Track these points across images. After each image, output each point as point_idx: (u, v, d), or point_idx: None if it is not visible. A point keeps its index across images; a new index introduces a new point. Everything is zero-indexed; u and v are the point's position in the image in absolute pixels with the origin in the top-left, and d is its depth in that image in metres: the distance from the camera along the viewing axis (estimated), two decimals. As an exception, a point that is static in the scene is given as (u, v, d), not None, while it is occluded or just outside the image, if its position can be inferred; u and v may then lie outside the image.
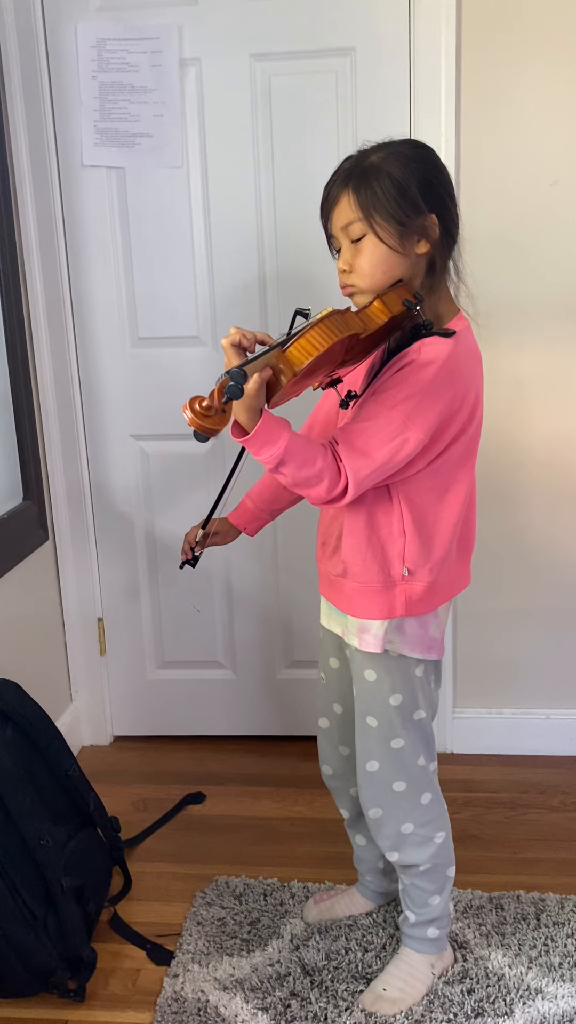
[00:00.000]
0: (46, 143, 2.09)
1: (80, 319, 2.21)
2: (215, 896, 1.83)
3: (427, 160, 1.30)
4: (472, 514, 1.48)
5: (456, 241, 1.34)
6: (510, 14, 1.94)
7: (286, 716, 2.42)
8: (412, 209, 1.26)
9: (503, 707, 2.35)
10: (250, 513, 1.62)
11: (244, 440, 1.24)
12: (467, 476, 1.39)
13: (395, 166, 1.26)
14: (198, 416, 1.17)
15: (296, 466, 1.24)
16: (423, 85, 1.98)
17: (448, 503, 1.38)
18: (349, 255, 1.31)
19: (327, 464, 1.25)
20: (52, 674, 2.34)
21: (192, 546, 1.61)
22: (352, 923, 1.73)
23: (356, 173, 1.28)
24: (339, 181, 1.30)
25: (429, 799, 1.51)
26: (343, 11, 1.97)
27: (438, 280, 1.34)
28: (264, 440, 1.23)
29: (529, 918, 1.73)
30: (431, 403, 1.27)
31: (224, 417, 1.18)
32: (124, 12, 2.02)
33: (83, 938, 1.61)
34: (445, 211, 1.30)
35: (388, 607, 1.40)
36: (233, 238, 2.12)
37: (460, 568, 1.48)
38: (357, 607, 1.42)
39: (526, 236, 2.04)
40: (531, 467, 2.18)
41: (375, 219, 1.26)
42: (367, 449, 1.26)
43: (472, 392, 1.33)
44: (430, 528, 1.38)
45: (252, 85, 2.03)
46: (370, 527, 1.38)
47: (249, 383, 1.17)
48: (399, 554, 1.38)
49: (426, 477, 1.35)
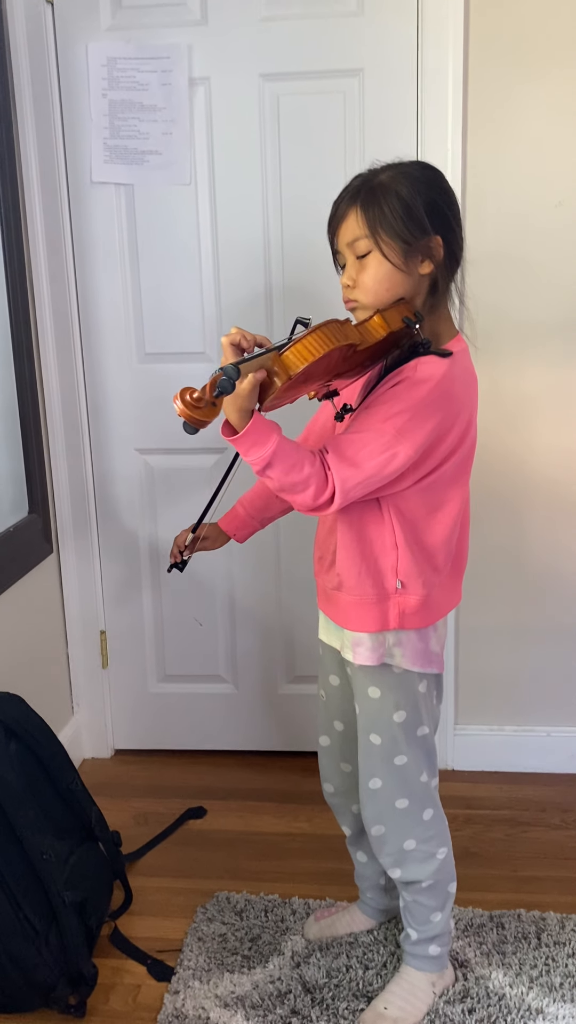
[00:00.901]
0: (56, 159, 2.11)
1: (87, 334, 2.22)
2: (216, 912, 1.82)
3: (435, 182, 1.32)
4: (465, 533, 1.49)
5: (460, 264, 1.36)
6: (516, 38, 1.96)
7: (287, 731, 2.42)
8: (418, 229, 1.28)
9: (504, 724, 2.35)
10: (240, 519, 1.63)
11: (233, 439, 1.25)
12: (458, 495, 1.40)
13: (404, 186, 1.28)
14: (187, 407, 1.18)
15: (283, 470, 1.26)
16: (430, 106, 2.00)
17: (439, 520, 1.39)
18: (354, 271, 1.33)
19: (315, 471, 1.27)
20: (54, 687, 2.34)
21: (181, 550, 1.62)
22: (353, 940, 1.73)
23: (365, 191, 1.30)
24: (348, 198, 1.32)
25: (431, 815, 1.52)
26: (352, 33, 1.99)
27: (439, 301, 1.35)
28: (253, 441, 1.24)
29: (530, 937, 1.73)
30: (422, 420, 1.28)
31: (213, 410, 1.19)
32: (135, 32, 2.04)
33: (84, 953, 1.61)
34: (450, 233, 1.32)
35: (382, 620, 1.41)
36: (240, 255, 2.14)
37: (454, 586, 1.49)
38: (352, 620, 1.44)
39: (530, 255, 2.06)
40: (533, 484, 2.19)
41: (381, 237, 1.28)
42: (356, 460, 1.27)
43: (465, 413, 1.34)
44: (422, 542, 1.39)
45: (260, 104, 2.05)
46: (363, 541, 1.39)
47: (243, 383, 1.19)
48: (392, 567, 1.39)
49: (417, 494, 1.36)
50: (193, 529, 1.61)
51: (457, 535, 1.44)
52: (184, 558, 1.63)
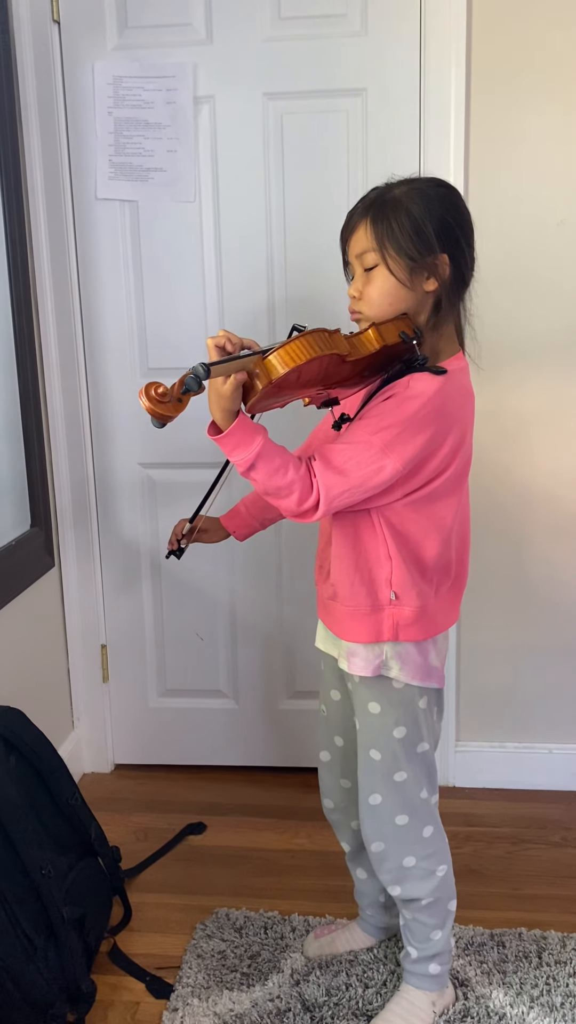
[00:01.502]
0: (61, 176, 2.13)
1: (91, 348, 2.24)
2: (215, 928, 1.82)
3: (448, 200, 1.33)
4: (465, 550, 1.50)
5: (468, 283, 1.36)
6: (518, 58, 1.98)
7: (288, 747, 2.42)
8: (424, 246, 1.29)
9: (505, 741, 2.34)
10: (241, 518, 1.64)
11: (217, 438, 1.28)
12: (451, 510, 1.40)
13: (415, 203, 1.30)
14: (151, 401, 1.20)
15: (267, 473, 1.28)
16: (432, 125, 2.02)
17: (431, 535, 1.39)
18: (360, 283, 1.34)
19: (299, 477, 1.28)
20: (55, 701, 2.34)
21: (179, 538, 1.62)
22: (353, 958, 1.72)
23: (377, 204, 1.32)
24: (360, 210, 1.34)
25: (431, 832, 1.51)
26: (355, 53, 2.01)
27: (442, 318, 1.36)
28: (237, 441, 1.27)
29: (531, 956, 1.72)
30: (411, 436, 1.29)
31: (179, 406, 1.21)
32: (141, 51, 2.06)
33: (83, 969, 1.60)
34: (459, 252, 1.32)
35: (376, 631, 1.41)
36: (243, 271, 2.15)
37: (453, 602, 1.50)
38: (346, 630, 1.44)
39: (531, 274, 2.07)
40: (534, 501, 2.19)
41: (388, 251, 1.30)
42: (343, 468, 1.29)
43: (457, 431, 1.35)
44: (416, 555, 1.40)
45: (264, 122, 2.07)
46: (357, 551, 1.40)
47: (226, 384, 1.23)
48: (386, 578, 1.39)
49: (408, 507, 1.37)
50: (191, 519, 1.62)
51: (453, 550, 1.45)
52: (182, 546, 1.63)
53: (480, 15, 1.96)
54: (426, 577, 1.41)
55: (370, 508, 1.37)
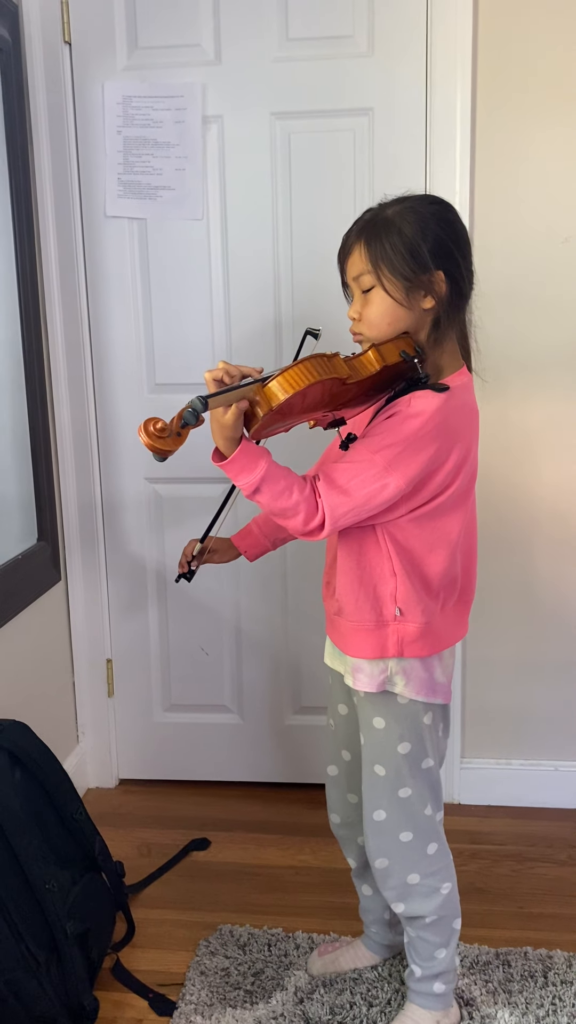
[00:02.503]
0: (71, 194, 2.15)
1: (99, 364, 2.25)
2: (219, 945, 1.81)
3: (442, 217, 1.33)
4: (472, 565, 1.50)
5: (467, 298, 1.37)
6: (524, 75, 2.00)
7: (293, 763, 2.41)
8: (419, 265, 1.30)
9: (511, 758, 2.33)
10: (253, 537, 1.64)
11: (221, 465, 1.30)
12: (456, 526, 1.41)
13: (407, 222, 1.30)
14: (150, 437, 1.22)
15: (272, 495, 1.29)
16: (438, 143, 2.04)
17: (436, 550, 1.40)
18: (359, 305, 1.35)
19: (304, 497, 1.30)
20: (60, 715, 2.34)
21: (189, 560, 1.62)
22: (357, 976, 1.71)
23: (370, 226, 1.33)
24: (355, 232, 1.35)
25: (435, 849, 1.51)
26: (362, 72, 2.03)
27: (443, 334, 1.36)
28: (240, 467, 1.29)
29: (536, 975, 1.71)
30: (414, 453, 1.30)
31: (178, 440, 1.23)
32: (150, 71, 2.09)
33: (85, 986, 1.60)
34: (455, 268, 1.33)
35: (380, 646, 1.42)
36: (250, 289, 2.17)
37: (459, 618, 1.50)
38: (351, 645, 1.45)
39: (537, 290, 2.08)
40: (540, 517, 2.19)
41: (383, 272, 1.30)
42: (347, 488, 1.30)
43: (461, 447, 1.35)
44: (420, 571, 1.40)
45: (272, 142, 2.09)
46: (362, 567, 1.41)
47: (228, 414, 1.25)
48: (391, 594, 1.40)
49: (413, 523, 1.38)
50: (201, 539, 1.62)
51: (459, 566, 1.45)
52: (192, 568, 1.62)
53: (486, 34, 1.99)
54: (431, 593, 1.41)
55: (375, 524, 1.38)
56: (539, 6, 1.97)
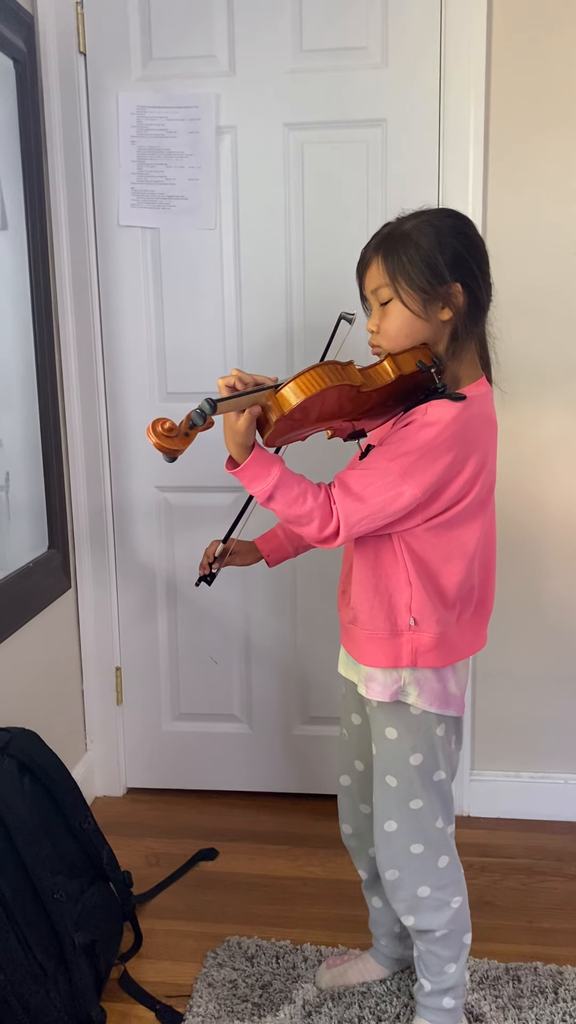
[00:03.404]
0: (84, 203, 2.16)
1: (111, 372, 2.26)
2: (227, 957, 1.80)
3: (459, 230, 1.34)
4: (490, 576, 1.50)
5: (485, 310, 1.37)
6: (537, 87, 2.00)
7: (301, 773, 2.40)
8: (436, 278, 1.30)
9: (521, 771, 2.32)
10: (277, 541, 1.62)
11: (234, 472, 1.31)
12: (474, 536, 1.40)
13: (425, 235, 1.31)
14: (159, 437, 1.23)
15: (286, 502, 1.30)
16: (451, 155, 2.04)
17: (453, 560, 1.39)
18: (377, 317, 1.36)
19: (319, 504, 1.30)
20: (68, 723, 2.33)
21: (211, 561, 1.60)
22: (366, 990, 1.69)
23: (388, 240, 1.33)
24: (372, 246, 1.36)
25: (446, 862, 1.50)
26: (376, 84, 2.04)
27: (461, 345, 1.37)
28: (253, 474, 1.30)
29: (547, 991, 1.69)
30: (429, 462, 1.30)
31: (186, 440, 1.24)
32: (164, 82, 2.10)
33: (93, 996, 1.59)
34: (472, 280, 1.33)
35: (394, 656, 1.41)
36: (262, 298, 2.17)
37: (476, 629, 1.49)
38: (365, 654, 1.44)
39: (550, 302, 2.08)
40: (552, 530, 2.19)
41: (400, 285, 1.31)
42: (362, 495, 1.30)
43: (477, 457, 1.35)
44: (436, 581, 1.40)
45: (285, 152, 2.10)
46: (377, 576, 1.41)
47: (240, 420, 1.27)
48: (406, 604, 1.40)
49: (429, 533, 1.37)
50: (224, 540, 1.60)
51: (476, 576, 1.44)
52: (213, 571, 1.60)
53: (499, 46, 1.99)
54: (447, 603, 1.41)
55: (391, 533, 1.37)
56: (553, 17, 1.97)
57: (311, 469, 1.45)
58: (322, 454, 1.74)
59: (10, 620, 1.92)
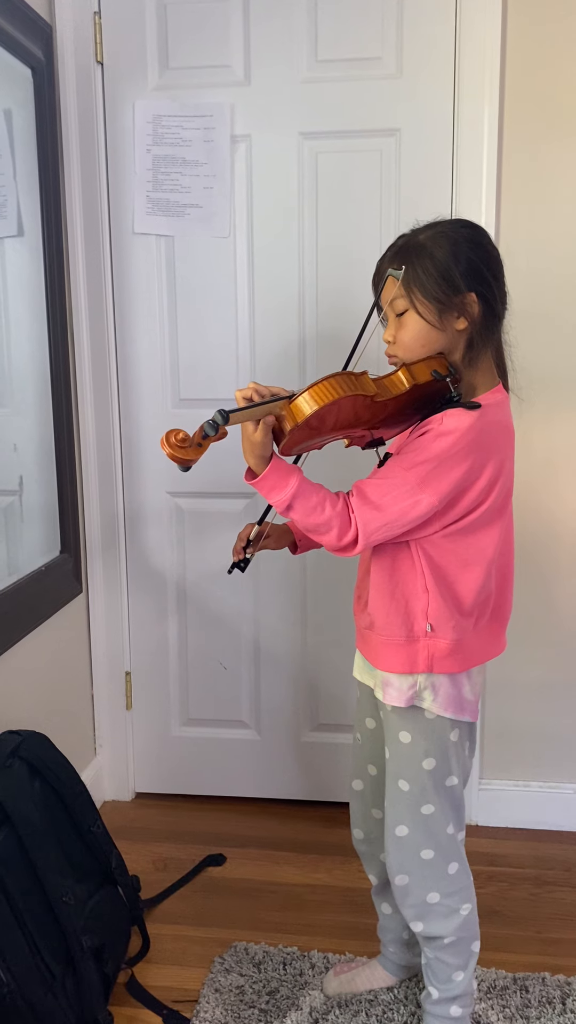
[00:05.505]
0: (99, 210, 2.18)
1: (124, 379, 2.27)
2: (234, 962, 1.80)
3: (474, 240, 1.35)
4: (508, 582, 1.50)
5: (501, 319, 1.38)
6: (552, 98, 2.01)
7: (310, 780, 2.40)
8: (451, 288, 1.31)
9: (530, 780, 2.31)
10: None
11: (253, 483, 1.33)
12: (492, 543, 1.41)
13: (440, 246, 1.32)
14: (173, 447, 1.24)
15: (304, 511, 1.31)
16: (465, 164, 2.05)
17: (470, 568, 1.40)
18: (394, 328, 1.37)
19: (337, 513, 1.31)
20: (78, 727, 2.34)
21: (244, 545, 1.55)
22: (373, 998, 1.69)
23: (403, 251, 1.35)
24: (388, 258, 1.38)
25: (456, 869, 1.50)
26: (390, 94, 2.05)
27: (477, 354, 1.37)
28: (272, 484, 1.32)
29: (555, 1002, 1.69)
30: (446, 471, 1.31)
31: (199, 450, 1.25)
32: (180, 91, 2.12)
33: (100, 1000, 1.59)
34: (487, 290, 1.34)
35: (411, 661, 1.42)
36: (275, 306, 2.18)
37: (493, 635, 1.49)
38: (381, 659, 1.45)
39: (563, 310, 2.08)
40: (564, 538, 2.18)
41: (416, 296, 1.33)
42: (380, 503, 1.31)
43: (494, 465, 1.36)
44: (453, 588, 1.40)
45: (299, 161, 2.11)
46: (394, 582, 1.41)
47: (256, 431, 1.28)
48: (423, 610, 1.40)
49: (446, 540, 1.38)
50: (259, 522, 1.57)
51: (493, 582, 1.45)
52: (247, 556, 1.55)
53: (514, 56, 2.00)
54: (463, 610, 1.41)
55: (409, 540, 1.38)
56: (568, 27, 1.98)
57: (327, 478, 1.46)
58: (340, 463, 1.74)
59: (22, 623, 1.93)
